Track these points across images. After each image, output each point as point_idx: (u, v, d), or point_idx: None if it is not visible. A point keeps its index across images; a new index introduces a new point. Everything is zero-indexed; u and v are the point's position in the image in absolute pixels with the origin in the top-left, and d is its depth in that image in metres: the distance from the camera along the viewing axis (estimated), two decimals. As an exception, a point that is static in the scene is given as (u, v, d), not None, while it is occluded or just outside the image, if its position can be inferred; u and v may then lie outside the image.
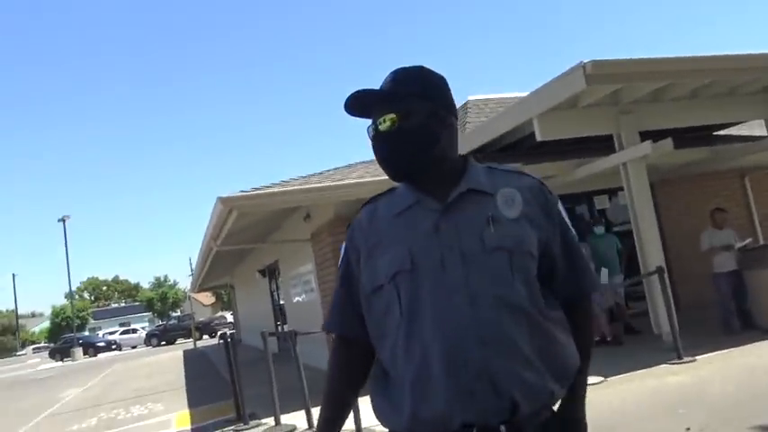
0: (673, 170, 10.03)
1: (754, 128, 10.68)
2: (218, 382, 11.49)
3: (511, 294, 1.28)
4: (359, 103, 1.41)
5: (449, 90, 1.46)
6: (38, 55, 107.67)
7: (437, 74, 1.45)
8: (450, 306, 1.27)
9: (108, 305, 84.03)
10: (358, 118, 1.45)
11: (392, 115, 1.38)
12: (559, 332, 1.34)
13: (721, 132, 10.60)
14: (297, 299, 12.15)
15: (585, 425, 1.45)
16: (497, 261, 1.29)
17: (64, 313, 60.24)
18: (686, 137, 8.82)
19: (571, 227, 1.45)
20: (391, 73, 1.44)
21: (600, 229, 8.70)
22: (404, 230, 1.36)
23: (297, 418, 6.37)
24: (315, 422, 5.90)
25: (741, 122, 9.98)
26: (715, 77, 7.27)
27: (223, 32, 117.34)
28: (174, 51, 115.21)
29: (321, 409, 1.49)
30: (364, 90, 1.40)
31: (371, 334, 1.41)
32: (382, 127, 1.39)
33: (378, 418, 1.38)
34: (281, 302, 14.62)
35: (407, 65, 1.46)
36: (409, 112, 1.38)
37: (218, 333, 31.30)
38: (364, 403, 5.21)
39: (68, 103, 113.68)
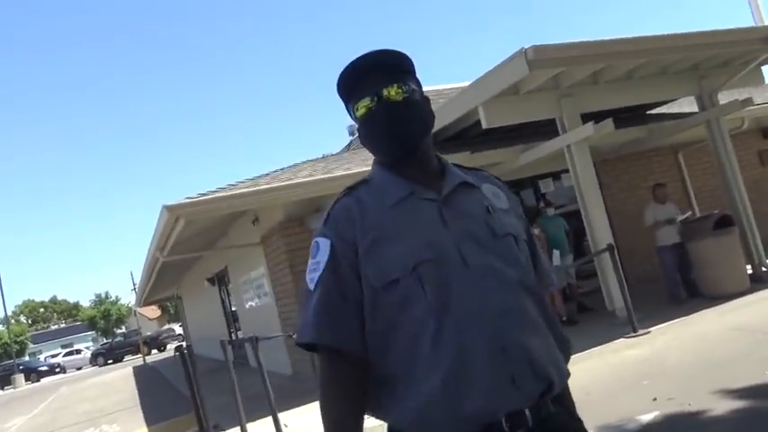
0: (612, 150, 10.34)
1: (683, 105, 11.12)
2: (174, 397, 11.17)
3: (526, 277, 1.33)
4: (361, 70, 1.36)
5: None
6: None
7: None
8: (481, 293, 1.24)
9: (47, 327, 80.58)
10: (344, 94, 1.41)
11: (398, 87, 1.35)
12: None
13: (654, 111, 10.98)
14: (250, 304, 11.91)
15: None
16: (508, 246, 1.33)
17: (0, 340, 57.34)
18: (623, 117, 9.08)
19: None
20: (377, 51, 1.38)
21: (551, 211, 8.89)
22: (409, 221, 1.30)
23: (263, 426, 6.22)
24: (282, 428, 5.81)
25: (673, 100, 10.36)
26: (648, 57, 7.50)
27: (162, 27, 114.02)
28: (104, 52, 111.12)
29: None
30: (376, 53, 1.37)
31: (372, 338, 1.28)
32: (393, 96, 1.34)
33: (404, 430, 1.24)
34: (234, 309, 14.33)
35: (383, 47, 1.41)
36: (411, 86, 1.38)
37: (169, 346, 30.46)
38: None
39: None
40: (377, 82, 1.35)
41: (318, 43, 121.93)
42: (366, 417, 1.31)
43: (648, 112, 10.96)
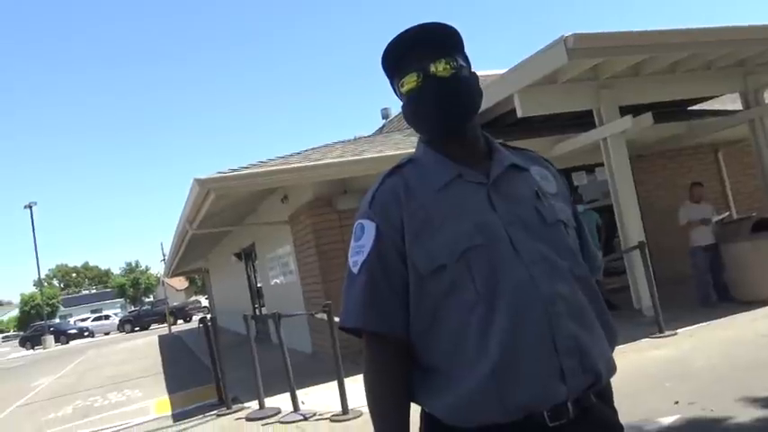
0: (648, 145, 10.10)
1: (725, 102, 10.80)
2: (196, 367, 11.36)
3: (577, 265, 1.28)
4: (407, 44, 1.30)
5: None
6: (4, 39, 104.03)
7: None
8: (532, 280, 1.20)
9: (78, 292, 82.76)
10: (389, 68, 1.36)
11: (446, 62, 1.29)
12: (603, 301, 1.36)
13: (696, 107, 10.68)
14: (275, 281, 12.02)
15: None
16: (558, 233, 1.29)
17: (33, 301, 59.05)
18: (663, 111, 8.85)
19: None
20: (424, 24, 1.32)
21: (580, 208, 8.72)
22: (457, 205, 1.25)
23: (280, 401, 6.28)
24: (299, 404, 5.86)
25: (717, 96, 10.07)
26: (693, 50, 7.28)
27: (193, 12, 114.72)
28: (144, 32, 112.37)
29: None
30: (423, 26, 1.31)
31: (417, 325, 1.25)
32: (440, 71, 1.29)
33: (447, 419, 1.21)
34: (259, 285, 14.48)
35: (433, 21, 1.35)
36: (459, 62, 1.32)
37: (194, 317, 31.03)
38: (352, 383, 5.13)
39: (35, 85, 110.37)
40: (424, 56, 1.29)
41: (358, 25, 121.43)
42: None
43: (690, 108, 10.67)
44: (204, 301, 39.62)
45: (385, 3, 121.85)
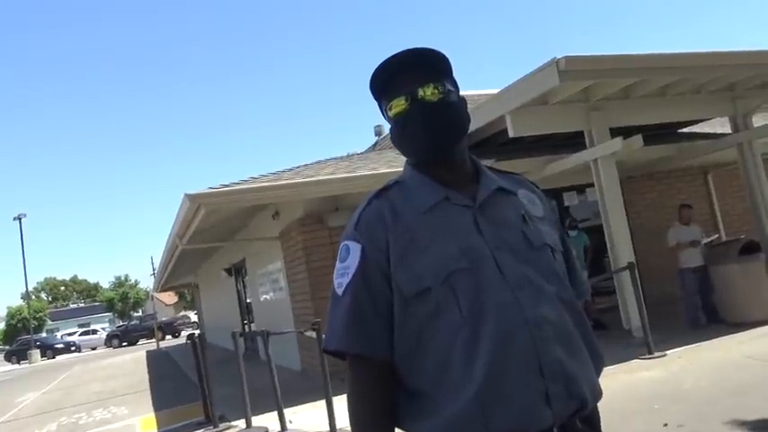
0: (638, 167, 10.18)
1: (715, 126, 10.91)
2: (183, 384, 11.24)
3: (563, 290, 1.28)
4: (396, 68, 1.31)
5: None
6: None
7: None
8: (517, 305, 1.19)
9: (66, 306, 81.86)
10: (377, 92, 1.36)
11: (434, 87, 1.30)
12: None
13: (685, 130, 10.79)
14: (265, 297, 11.96)
15: None
16: (544, 257, 1.28)
17: (20, 314, 58.30)
18: (653, 134, 8.93)
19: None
20: (412, 49, 1.33)
21: (572, 233, 8.77)
22: (443, 228, 1.25)
23: (268, 420, 6.21)
24: (287, 423, 5.80)
25: (706, 120, 10.18)
26: (683, 75, 7.37)
27: (185, 28, 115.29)
28: (135, 50, 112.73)
29: None
30: (412, 51, 1.31)
31: (401, 348, 1.24)
32: (428, 96, 1.29)
33: None
34: (249, 301, 14.40)
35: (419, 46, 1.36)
36: (447, 87, 1.33)
37: (183, 333, 30.75)
38: (340, 402, 5.06)
39: (27, 99, 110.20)
40: (412, 81, 1.29)
41: (352, 42, 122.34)
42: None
43: (679, 131, 10.77)
44: (193, 317, 39.31)
45: (378, 21, 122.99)
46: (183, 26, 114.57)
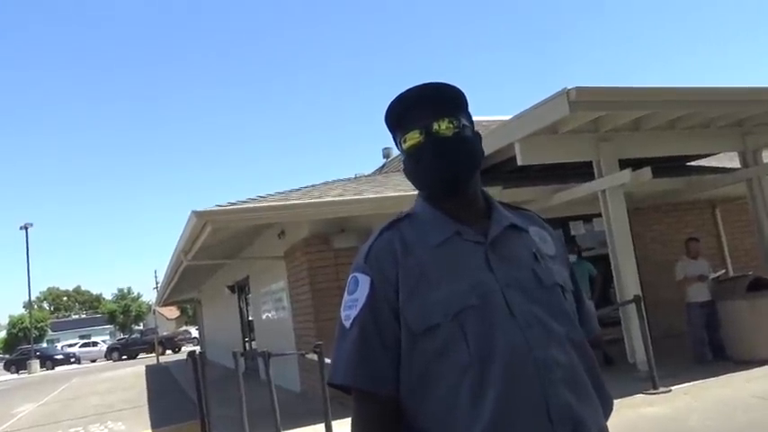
0: (645, 199, 10.16)
1: (723, 160, 10.91)
2: (182, 401, 11.16)
3: (574, 331, 1.26)
4: (411, 102, 1.32)
5: None
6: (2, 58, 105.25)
7: None
8: (526, 346, 1.17)
9: (68, 316, 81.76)
10: (392, 124, 1.37)
11: (449, 121, 1.30)
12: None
13: (694, 163, 10.78)
14: (267, 315, 11.91)
15: None
16: (555, 297, 1.26)
17: (21, 323, 58.19)
18: (662, 166, 8.93)
19: None
20: (429, 83, 1.34)
21: (572, 258, 8.70)
22: (453, 264, 1.23)
23: (266, 443, 6.15)
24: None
25: (715, 154, 10.17)
26: (693, 109, 7.38)
27: (196, 45, 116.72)
28: (146, 62, 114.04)
29: None
30: (428, 85, 1.33)
31: (407, 384, 1.22)
32: (443, 130, 1.30)
33: None
34: (251, 319, 14.35)
35: (433, 80, 1.36)
36: (461, 122, 1.33)
37: (184, 348, 30.53)
38: (340, 426, 5.00)
39: (34, 107, 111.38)
40: (427, 115, 1.30)
41: (361, 65, 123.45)
42: None
43: (688, 164, 10.77)
44: (194, 332, 39.17)
45: (390, 44, 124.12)
46: (195, 41, 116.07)
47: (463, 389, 1.16)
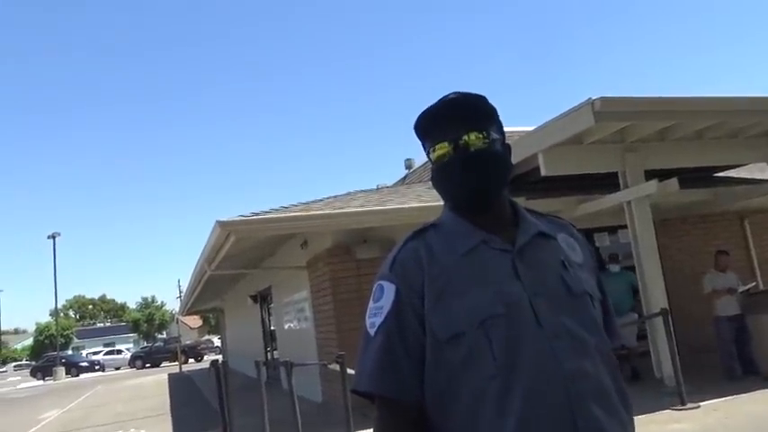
0: (673, 210, 10.00)
1: (753, 171, 10.70)
2: (204, 410, 11.20)
3: (602, 342, 1.24)
4: (442, 114, 1.31)
5: None
6: (31, 64, 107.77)
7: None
8: (554, 355, 1.15)
9: (93, 324, 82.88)
10: (422, 135, 1.36)
11: (479, 133, 1.29)
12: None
13: (722, 174, 10.59)
14: (289, 325, 11.93)
15: None
16: (584, 306, 1.24)
17: (48, 331, 59.14)
18: (689, 177, 8.79)
19: None
20: (459, 94, 1.33)
21: (614, 268, 8.58)
22: (480, 272, 1.22)
23: (287, 453, 6.14)
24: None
25: (743, 165, 9.98)
26: (720, 119, 7.26)
27: (221, 51, 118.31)
28: (169, 69, 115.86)
29: None
30: (458, 96, 1.32)
31: (432, 392, 1.21)
32: (473, 143, 1.28)
33: None
34: (273, 328, 14.39)
35: (464, 90, 1.35)
36: (492, 135, 1.31)
37: (206, 357, 30.70)
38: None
39: (65, 115, 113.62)
40: (457, 126, 1.29)
41: (386, 75, 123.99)
42: None
43: (716, 175, 10.58)
44: (217, 341, 39.38)
45: (415, 54, 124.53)
46: (217, 59, 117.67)
47: (487, 400, 1.14)
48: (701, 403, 6.25)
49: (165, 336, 63.77)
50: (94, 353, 46.74)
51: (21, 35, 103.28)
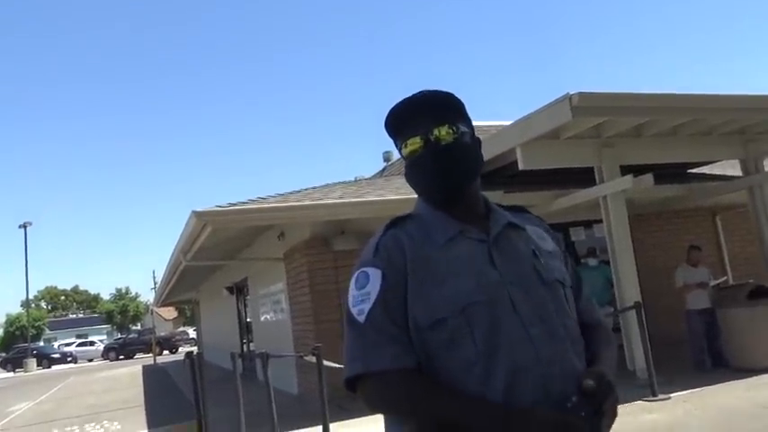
0: (647, 205, 10.13)
1: (725, 168, 10.89)
2: (179, 402, 11.12)
3: (573, 327, 1.29)
4: (411, 109, 1.35)
5: None
6: (6, 54, 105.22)
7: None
8: (529, 342, 1.20)
9: (66, 315, 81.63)
10: (392, 131, 1.40)
11: (448, 128, 1.33)
12: None
13: (696, 170, 10.77)
14: (265, 317, 11.88)
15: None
16: (556, 293, 1.29)
17: (19, 322, 58.07)
18: (663, 173, 8.91)
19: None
20: (428, 91, 1.37)
21: (593, 261, 8.69)
22: (459, 261, 1.26)
23: (263, 444, 6.12)
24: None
25: (717, 161, 10.15)
26: (695, 116, 7.37)
27: (199, 45, 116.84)
28: (148, 61, 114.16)
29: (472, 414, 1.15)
30: (427, 93, 1.36)
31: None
32: (443, 137, 1.32)
33: None
34: (249, 320, 14.31)
35: (432, 88, 1.39)
36: (460, 129, 1.35)
37: (181, 349, 30.48)
38: (337, 428, 5.00)
39: (37, 100, 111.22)
40: (427, 121, 1.33)
41: (362, 67, 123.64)
42: None
43: (689, 171, 10.75)
44: (192, 333, 39.06)
45: (390, 46, 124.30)
46: (198, 46, 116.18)
47: (468, 383, 1.18)
48: (672, 395, 6.36)
49: (139, 327, 63.06)
50: (67, 344, 46.14)
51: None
